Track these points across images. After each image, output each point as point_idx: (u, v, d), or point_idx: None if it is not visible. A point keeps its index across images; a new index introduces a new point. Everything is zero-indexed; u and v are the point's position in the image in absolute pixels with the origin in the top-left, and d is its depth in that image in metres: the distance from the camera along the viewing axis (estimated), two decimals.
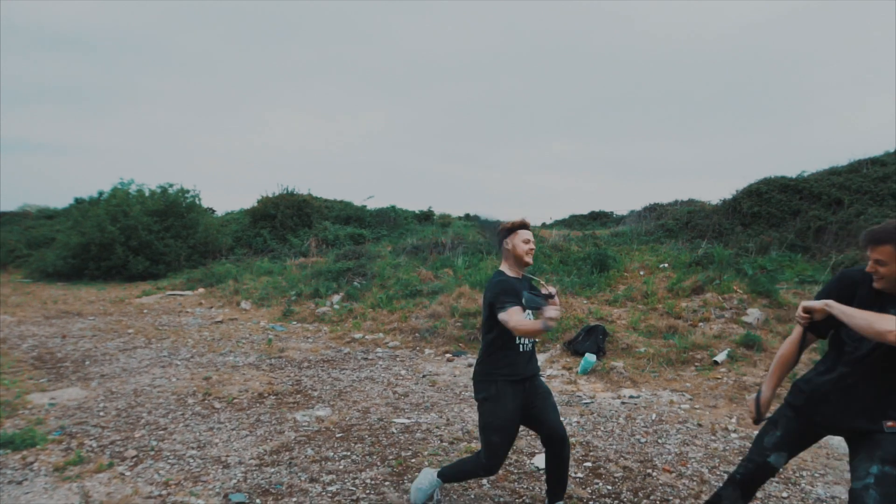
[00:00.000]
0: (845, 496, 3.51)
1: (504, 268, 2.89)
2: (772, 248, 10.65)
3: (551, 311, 2.53)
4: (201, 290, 12.61)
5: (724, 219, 13.53)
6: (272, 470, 3.72)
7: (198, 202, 17.60)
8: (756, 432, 2.61)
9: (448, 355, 7.18)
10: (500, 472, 3.72)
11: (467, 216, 20.73)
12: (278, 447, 4.11)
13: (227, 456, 3.95)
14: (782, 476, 3.75)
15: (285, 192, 18.80)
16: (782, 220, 12.25)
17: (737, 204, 13.61)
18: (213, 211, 21.69)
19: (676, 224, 14.19)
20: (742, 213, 13.22)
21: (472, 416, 4.88)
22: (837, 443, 4.41)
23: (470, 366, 6.72)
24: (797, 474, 3.80)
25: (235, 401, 5.24)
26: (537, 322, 2.58)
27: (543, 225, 21.40)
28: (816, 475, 3.80)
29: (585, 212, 22.86)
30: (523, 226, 2.91)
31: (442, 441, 4.28)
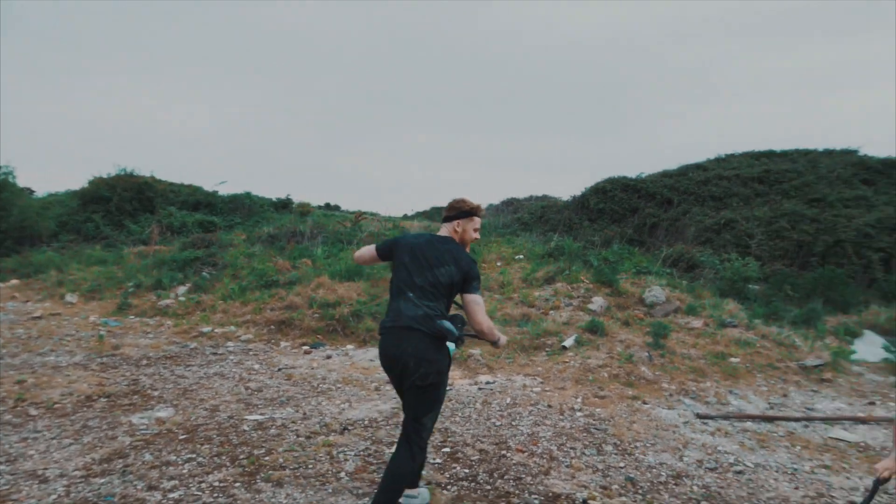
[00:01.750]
0: (671, 462, 3.90)
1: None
2: (614, 241, 11.62)
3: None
4: (14, 281, 10.99)
5: (574, 214, 14.54)
6: (102, 481, 3.30)
7: (11, 180, 15.30)
8: None
9: (305, 347, 6.93)
10: (360, 462, 3.64)
11: (327, 205, 20.24)
12: (110, 455, 3.67)
13: (46, 469, 3.44)
14: (619, 447, 4.08)
15: (123, 173, 17.01)
16: (623, 217, 13.43)
17: (585, 200, 14.70)
18: (32, 192, 19.04)
19: (531, 218, 14.97)
20: (589, 209, 14.31)
21: (329, 408, 4.74)
22: (665, 414, 4.91)
23: (329, 357, 6.54)
24: (632, 445, 4.15)
25: (56, 406, 4.61)
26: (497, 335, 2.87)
27: (405, 216, 21.52)
28: (647, 445, 4.18)
29: (446, 204, 23.46)
30: (479, 213, 2.94)
31: (298, 436, 4.10)
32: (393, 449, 3.84)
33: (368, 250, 3.03)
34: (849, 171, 12.91)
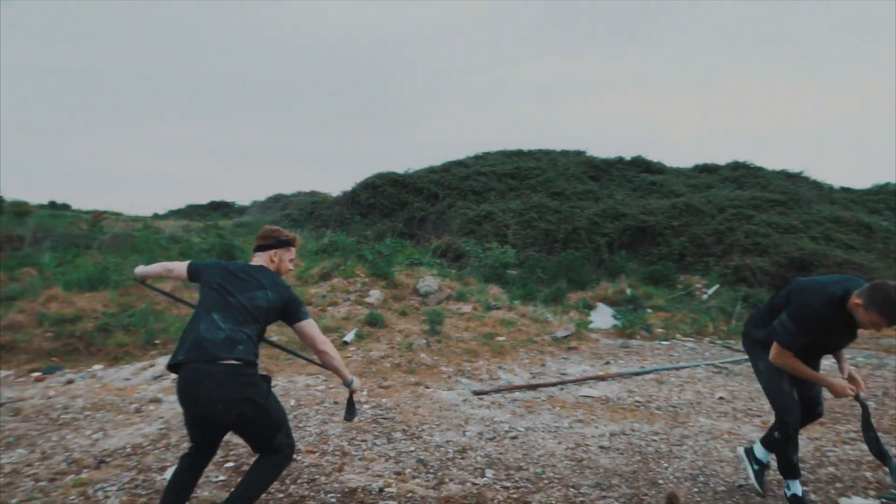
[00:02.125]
0: (456, 439, 4.10)
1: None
2: (387, 235, 11.90)
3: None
4: None
5: (345, 209, 14.55)
6: None
7: None
8: None
9: (36, 374, 5.75)
10: (125, 497, 3.11)
11: (53, 204, 17.20)
12: None
13: None
14: (408, 433, 4.16)
15: None
16: (393, 211, 13.84)
17: (355, 196, 14.81)
18: None
19: (301, 214, 14.60)
20: (360, 205, 14.45)
21: (77, 441, 3.98)
22: (446, 395, 5.16)
23: (70, 382, 5.52)
24: (419, 429, 4.27)
25: None
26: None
27: (156, 215, 19.33)
28: (433, 426, 4.34)
29: (205, 201, 21.63)
30: (295, 242, 2.82)
31: (38, 480, 3.35)
32: (167, 474, 3.37)
33: (177, 266, 2.77)
34: (580, 168, 15.16)
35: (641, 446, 4.11)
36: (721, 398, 5.37)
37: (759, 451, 3.29)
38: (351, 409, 2.86)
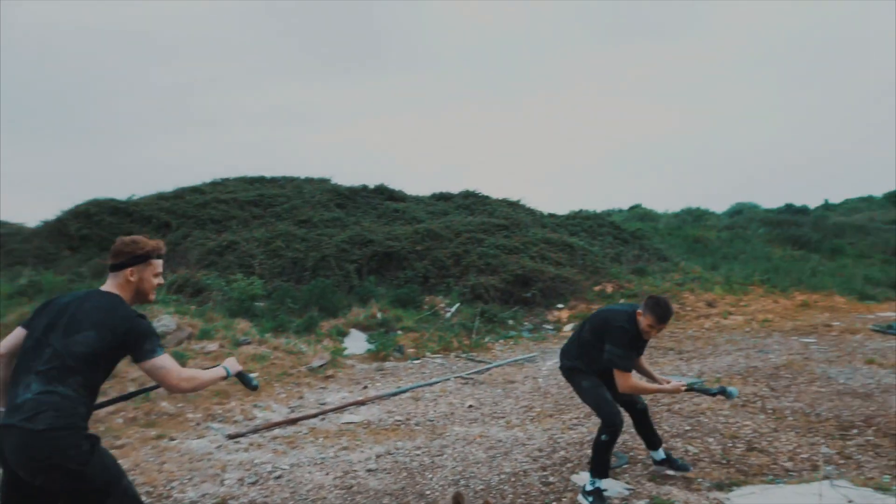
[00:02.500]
0: (214, 490, 3.68)
1: (118, 291, 2.24)
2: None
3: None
4: None
5: (49, 242, 12.24)
6: None
7: None
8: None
9: None
10: None
11: None
12: None
13: None
14: (154, 493, 3.60)
15: None
16: (113, 243, 12.07)
17: (63, 226, 12.56)
18: None
19: None
20: (70, 237, 12.30)
21: None
22: (196, 444, 4.61)
23: None
24: (168, 487, 3.73)
25: None
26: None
27: None
28: (185, 481, 3.83)
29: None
30: (158, 252, 2.33)
31: None
32: None
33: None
34: (326, 196, 15.20)
35: (406, 462, 4.21)
36: (470, 406, 5.81)
37: (589, 482, 3.46)
38: (247, 381, 2.44)
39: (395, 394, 6.33)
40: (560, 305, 12.04)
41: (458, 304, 11.34)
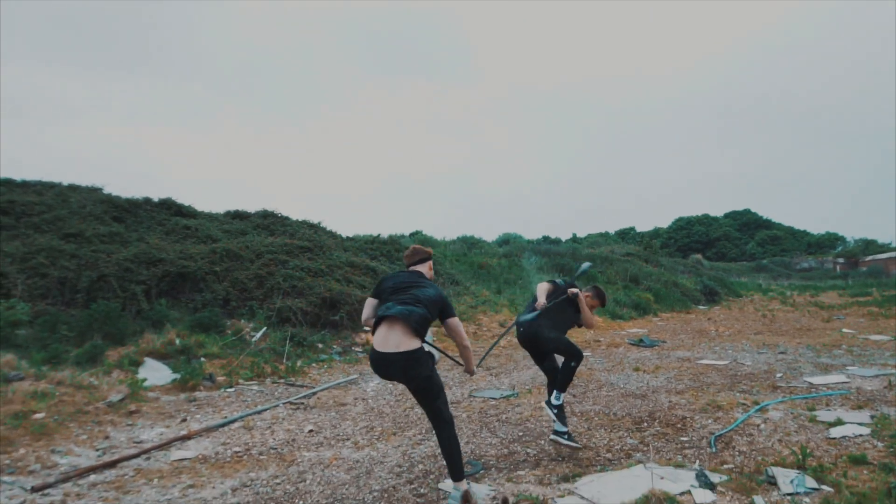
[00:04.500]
0: None
1: None
2: None
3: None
4: None
5: None
6: None
7: None
8: None
9: None
10: None
11: None
12: None
13: None
14: None
15: None
16: None
17: None
18: None
19: None
20: None
21: None
22: None
23: None
24: None
25: None
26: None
27: None
28: None
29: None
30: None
31: None
32: None
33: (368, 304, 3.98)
34: (100, 207, 13.29)
35: (269, 493, 4.01)
36: (311, 431, 5.68)
37: (555, 396, 4.91)
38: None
39: (223, 424, 5.88)
40: (367, 328, 12.24)
41: (264, 329, 10.83)
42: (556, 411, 4.86)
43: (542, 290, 4.97)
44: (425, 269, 4.07)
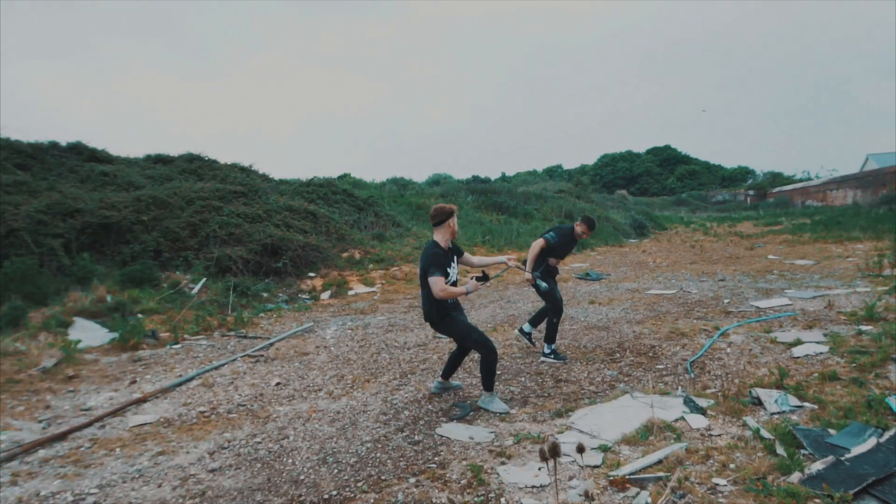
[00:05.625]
0: None
1: (438, 238, 4.24)
2: None
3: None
4: None
5: None
6: None
7: None
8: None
9: None
10: None
11: None
12: None
13: None
14: None
15: None
16: None
17: None
18: None
19: None
20: None
21: None
22: None
23: None
24: None
25: None
26: (460, 288, 4.16)
27: None
28: None
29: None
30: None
31: None
32: None
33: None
34: (1, 154, 11.84)
35: (251, 453, 3.72)
36: (278, 384, 5.36)
37: (527, 327, 6.09)
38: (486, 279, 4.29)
39: (180, 384, 5.44)
40: (312, 274, 11.79)
41: (203, 280, 10.18)
42: (528, 337, 6.15)
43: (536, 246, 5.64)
44: (442, 232, 4.26)
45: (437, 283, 4.04)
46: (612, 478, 3.02)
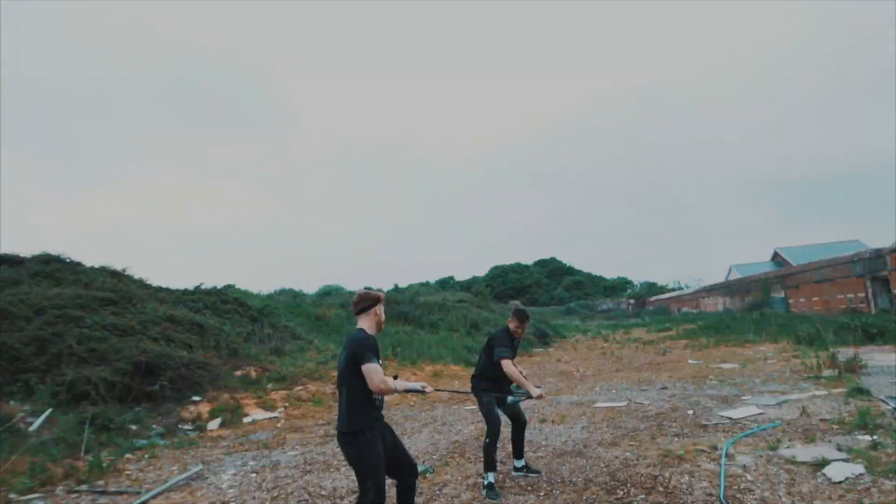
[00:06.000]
0: None
1: (365, 327, 3.42)
2: None
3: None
4: None
5: None
6: None
7: None
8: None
9: None
10: None
11: None
12: None
13: None
14: None
15: None
16: None
17: None
18: None
19: None
20: None
21: None
22: None
23: None
24: None
25: None
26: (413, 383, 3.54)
27: None
28: None
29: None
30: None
31: None
32: None
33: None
34: None
35: None
36: None
37: (518, 463, 5.07)
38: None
39: None
40: (196, 398, 9.65)
41: (48, 411, 7.81)
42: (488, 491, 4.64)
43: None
44: (368, 322, 3.46)
45: (376, 372, 3.14)
46: None
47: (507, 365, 4.67)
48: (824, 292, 30.31)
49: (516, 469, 5.10)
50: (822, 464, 4.64)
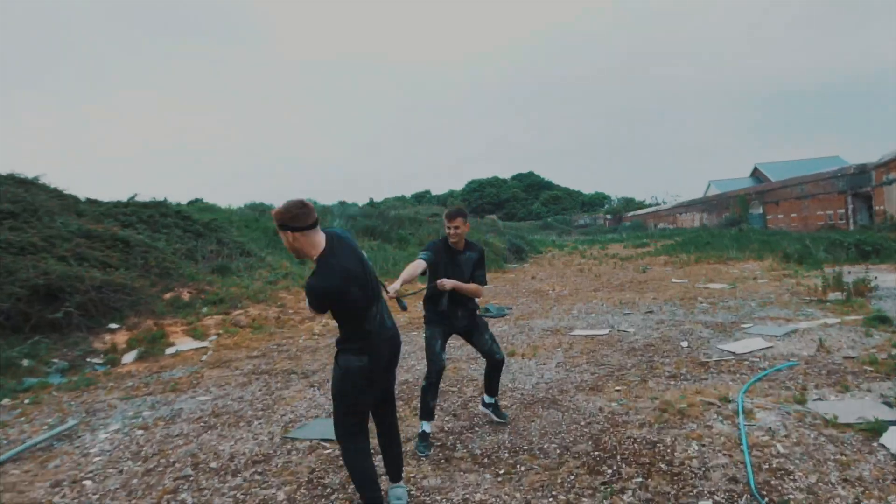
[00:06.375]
0: None
1: None
2: None
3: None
4: None
5: None
6: None
7: None
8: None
9: None
10: None
11: None
12: None
13: None
14: None
15: None
16: None
17: None
18: None
19: None
20: None
21: None
22: None
23: None
24: None
25: None
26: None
27: None
28: None
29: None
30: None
31: None
32: None
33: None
34: None
35: None
36: None
37: (487, 398, 4.23)
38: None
39: None
40: (114, 325, 8.32)
41: None
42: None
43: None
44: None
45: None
46: None
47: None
48: (804, 208, 29.57)
49: (484, 404, 4.29)
50: (873, 427, 3.50)
